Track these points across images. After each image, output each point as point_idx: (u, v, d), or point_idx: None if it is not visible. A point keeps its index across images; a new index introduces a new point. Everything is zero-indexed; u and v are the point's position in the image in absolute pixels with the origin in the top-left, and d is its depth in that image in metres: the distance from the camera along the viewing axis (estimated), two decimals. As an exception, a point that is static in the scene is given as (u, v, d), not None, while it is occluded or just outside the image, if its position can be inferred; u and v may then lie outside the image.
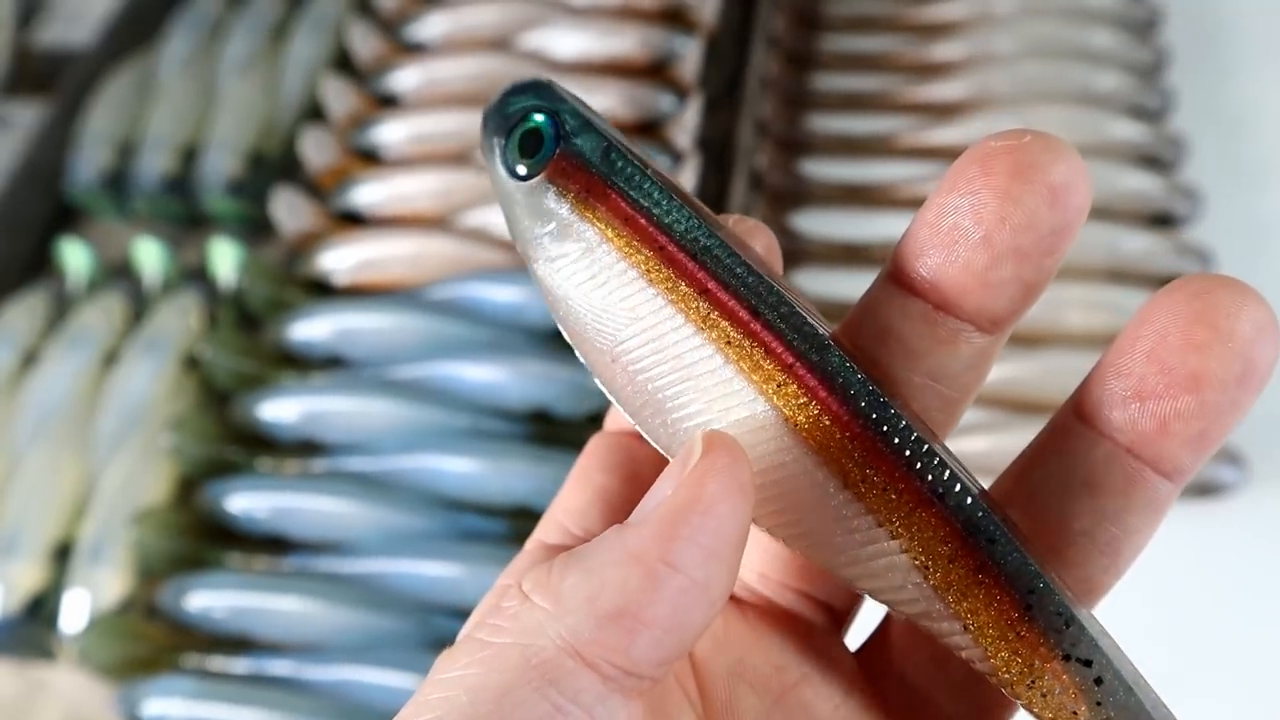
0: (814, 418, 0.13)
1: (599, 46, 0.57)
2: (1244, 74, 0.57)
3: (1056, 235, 0.13)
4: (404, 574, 0.42)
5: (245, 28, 0.62)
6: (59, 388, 0.49)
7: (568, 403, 0.45)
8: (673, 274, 0.14)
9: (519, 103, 0.15)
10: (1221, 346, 0.12)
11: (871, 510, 0.13)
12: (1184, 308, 0.13)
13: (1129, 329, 0.13)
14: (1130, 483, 0.13)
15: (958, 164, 0.13)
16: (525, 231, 0.15)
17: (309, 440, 0.47)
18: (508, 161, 0.15)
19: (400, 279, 0.51)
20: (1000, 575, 0.13)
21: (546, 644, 0.12)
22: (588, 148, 0.14)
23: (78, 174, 0.58)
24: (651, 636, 0.12)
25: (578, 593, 0.12)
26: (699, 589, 0.12)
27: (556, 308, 0.15)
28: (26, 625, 0.44)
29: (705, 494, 0.12)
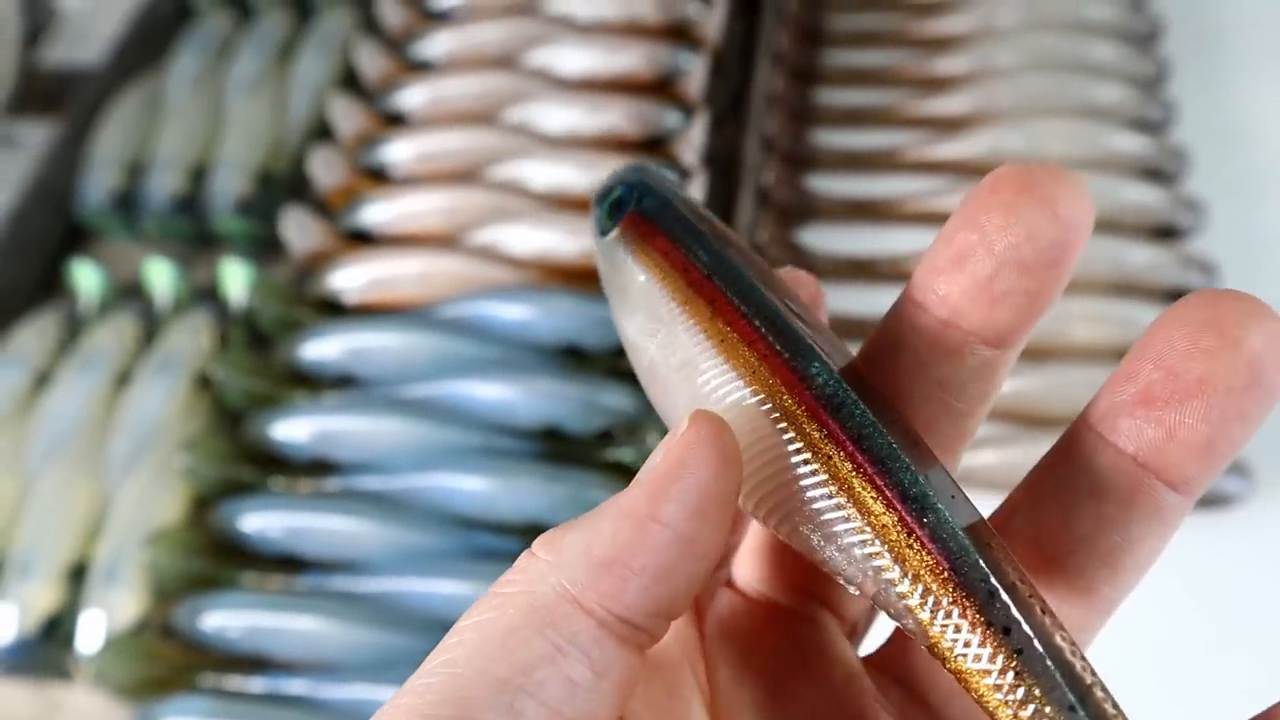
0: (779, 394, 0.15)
1: (604, 63, 0.58)
2: (1245, 85, 0.58)
3: (1059, 248, 0.13)
4: (417, 593, 0.43)
5: (253, 47, 0.63)
6: (72, 409, 0.50)
7: (578, 420, 0.45)
8: (691, 292, 0.16)
9: (615, 180, 0.19)
10: (1228, 353, 0.12)
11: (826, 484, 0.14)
12: (1193, 315, 0.13)
13: (1140, 339, 0.13)
14: (1134, 490, 0.14)
15: (972, 189, 0.14)
16: (604, 276, 0.18)
17: (321, 459, 0.47)
18: (599, 222, 0.19)
19: (410, 298, 0.51)
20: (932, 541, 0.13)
21: (547, 590, 0.13)
22: (650, 206, 0.18)
23: (87, 194, 0.58)
24: (639, 584, 0.13)
25: (575, 545, 0.13)
26: (685, 543, 0.13)
27: (624, 337, 0.18)
28: (42, 646, 0.44)
29: (690, 457, 0.13)
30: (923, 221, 0.52)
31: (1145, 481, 0.14)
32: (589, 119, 0.55)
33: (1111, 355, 0.45)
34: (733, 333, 0.15)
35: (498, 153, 0.55)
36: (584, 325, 0.48)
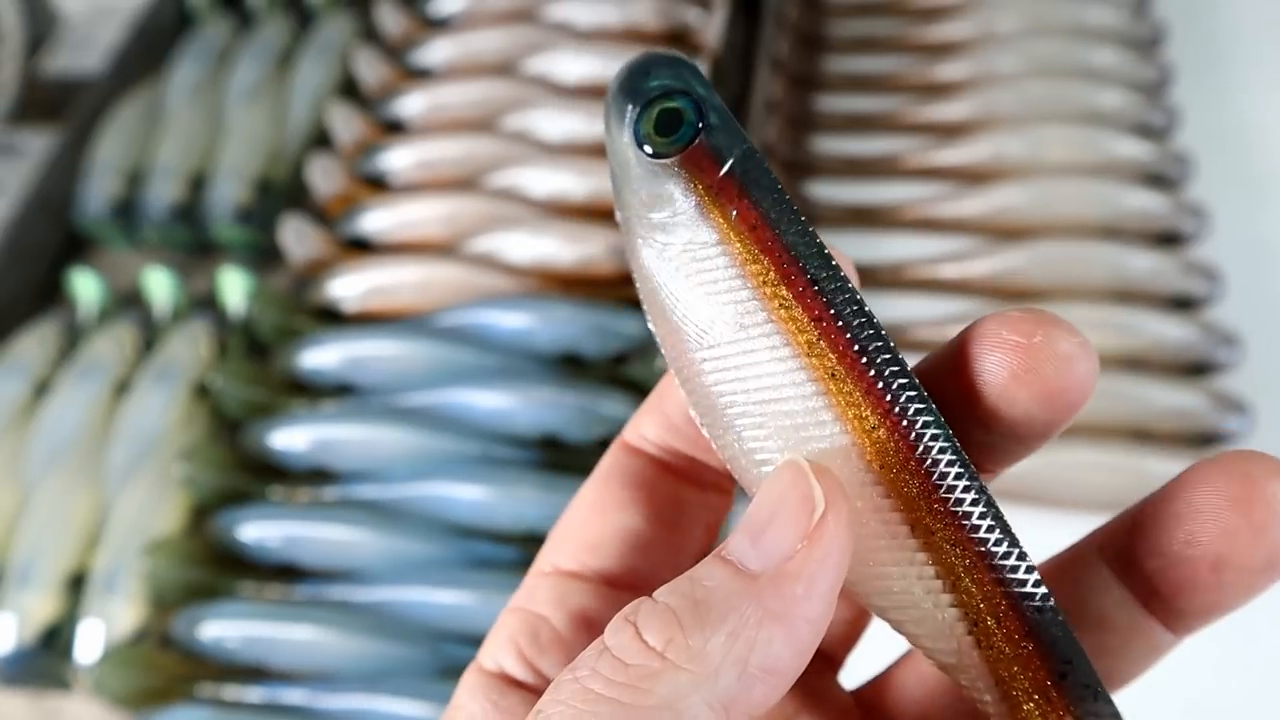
0: (898, 465, 0.13)
1: (604, 70, 0.57)
2: (1248, 90, 0.57)
3: (1049, 425, 0.14)
4: (416, 602, 0.42)
5: (252, 55, 0.63)
6: (71, 418, 0.49)
7: (577, 429, 0.45)
8: (790, 295, 0.13)
9: (663, 77, 0.14)
10: (1251, 539, 0.13)
11: (934, 561, 0.13)
12: (1221, 487, 0.13)
13: (1168, 489, 0.14)
14: (1135, 629, 0.14)
15: (973, 342, 0.13)
16: (636, 207, 0.15)
17: (320, 468, 0.47)
18: (637, 133, 0.14)
19: (409, 305, 0.51)
20: (1040, 642, 0.13)
21: (698, 706, 0.12)
22: (728, 146, 0.14)
23: (87, 203, 0.58)
24: (785, 687, 0.13)
25: (727, 655, 0.12)
26: (819, 635, 0.13)
27: (647, 289, 0.15)
28: (41, 655, 0.44)
29: (830, 547, 0.12)
30: (923, 228, 0.52)
31: (1148, 623, 0.14)
32: (588, 126, 0.55)
33: (1115, 363, 0.45)
34: (847, 374, 0.13)
35: (496, 160, 0.55)
36: (583, 333, 0.48)
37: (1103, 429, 0.43)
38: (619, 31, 0.59)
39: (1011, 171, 0.52)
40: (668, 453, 0.17)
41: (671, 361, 0.15)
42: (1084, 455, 0.42)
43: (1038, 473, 0.42)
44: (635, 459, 0.17)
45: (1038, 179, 0.51)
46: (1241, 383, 0.44)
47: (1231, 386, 0.44)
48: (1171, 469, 0.42)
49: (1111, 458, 0.42)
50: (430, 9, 0.64)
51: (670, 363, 0.15)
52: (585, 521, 0.17)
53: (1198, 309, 0.47)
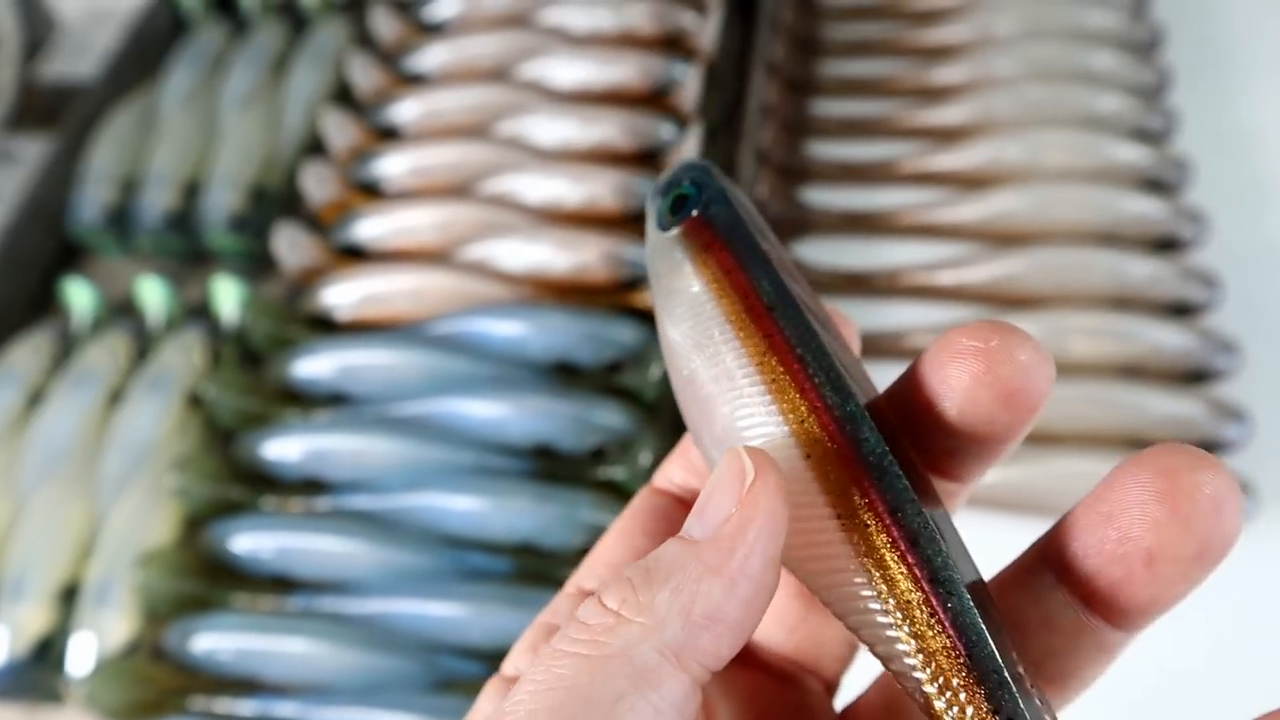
0: (825, 453, 0.15)
1: (598, 75, 0.57)
2: (1247, 94, 0.57)
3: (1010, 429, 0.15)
4: (409, 614, 0.42)
5: (246, 61, 0.63)
6: (64, 427, 0.49)
7: (571, 438, 0.45)
8: (750, 319, 0.16)
9: (685, 174, 0.18)
10: (1179, 531, 0.13)
11: (855, 545, 0.15)
12: (1149, 481, 0.13)
13: (1098, 489, 0.14)
14: (1080, 630, 0.15)
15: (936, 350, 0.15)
16: (657, 274, 0.18)
17: (313, 478, 0.47)
18: (659, 213, 0.18)
19: (402, 314, 0.51)
20: (953, 626, 0.14)
21: (649, 652, 0.13)
22: (717, 215, 0.17)
23: (81, 211, 0.58)
24: (731, 637, 0.14)
25: (669, 606, 0.14)
26: (763, 591, 0.14)
27: (664, 336, 0.18)
28: (34, 668, 0.44)
29: (764, 509, 0.14)
30: (920, 234, 0.51)
31: (1092, 622, 0.15)
32: (582, 132, 0.55)
33: (1113, 371, 0.45)
34: (786, 377, 0.15)
35: (491, 167, 0.55)
36: (577, 341, 0.48)
37: (1101, 438, 0.43)
38: (614, 36, 0.59)
39: (1009, 176, 0.51)
40: (690, 493, 0.19)
41: (676, 390, 0.18)
42: (1082, 464, 0.42)
43: (1036, 482, 0.42)
44: (660, 497, 0.20)
45: (1035, 184, 0.50)
46: (1239, 390, 0.44)
47: (1230, 394, 0.44)
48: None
49: (1108, 466, 0.41)
50: (425, 14, 0.64)
51: (675, 391, 0.18)
52: (610, 546, 0.19)
53: (1196, 315, 0.47)
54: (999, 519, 0.43)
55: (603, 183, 0.52)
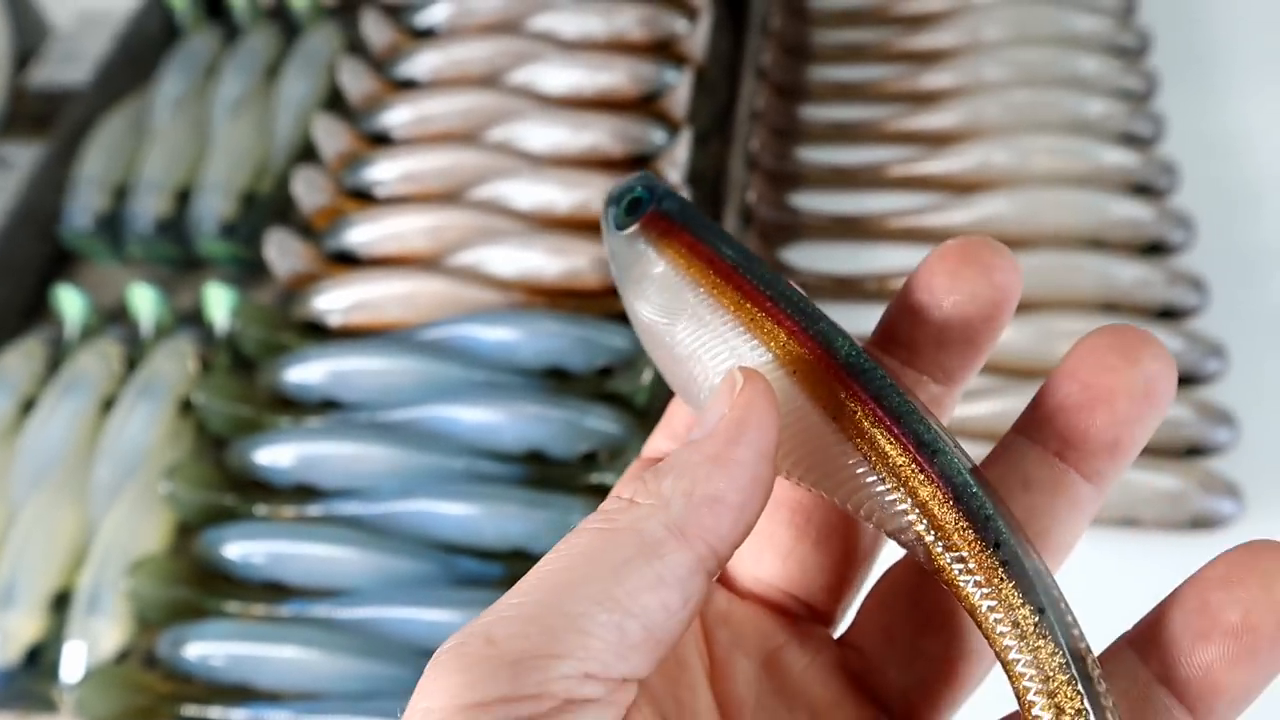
0: (807, 364, 0.17)
1: (589, 81, 0.57)
2: (1232, 98, 0.57)
3: (995, 305, 0.17)
4: (401, 619, 0.42)
5: (237, 67, 0.63)
6: (56, 434, 0.49)
7: (563, 444, 0.45)
8: (722, 279, 0.18)
9: (633, 183, 0.21)
10: (1130, 370, 0.16)
11: (846, 433, 0.17)
12: (1102, 342, 0.16)
13: (1058, 365, 0.17)
14: (1057, 484, 0.17)
15: (927, 257, 0.17)
16: (623, 268, 0.20)
17: (305, 485, 0.47)
18: (616, 218, 0.20)
19: (394, 319, 0.51)
20: (941, 478, 0.16)
21: (656, 527, 0.15)
22: (670, 208, 0.20)
23: (72, 218, 0.58)
24: (731, 517, 0.15)
25: (676, 488, 0.15)
26: (759, 482, 0.16)
27: (647, 336, 0.20)
28: (26, 676, 0.44)
29: (755, 408, 0.16)
30: (909, 238, 0.52)
31: (1066, 476, 0.17)
32: (573, 138, 0.55)
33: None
34: (762, 314, 0.18)
35: (482, 172, 0.55)
36: (568, 346, 0.48)
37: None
38: (604, 42, 0.59)
39: (997, 181, 0.51)
40: None
41: (660, 366, 0.20)
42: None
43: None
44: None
45: (1024, 188, 0.51)
46: (1225, 393, 0.44)
47: (1216, 397, 0.44)
48: (1158, 481, 0.41)
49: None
50: (416, 20, 0.64)
51: (660, 366, 0.20)
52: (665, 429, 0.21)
53: (1183, 319, 0.47)
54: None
55: (594, 188, 0.53)
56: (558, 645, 0.14)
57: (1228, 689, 0.14)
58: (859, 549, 0.19)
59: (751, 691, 0.18)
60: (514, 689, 0.14)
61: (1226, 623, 0.14)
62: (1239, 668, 0.14)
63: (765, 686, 0.18)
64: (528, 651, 0.14)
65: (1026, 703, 0.15)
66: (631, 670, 0.15)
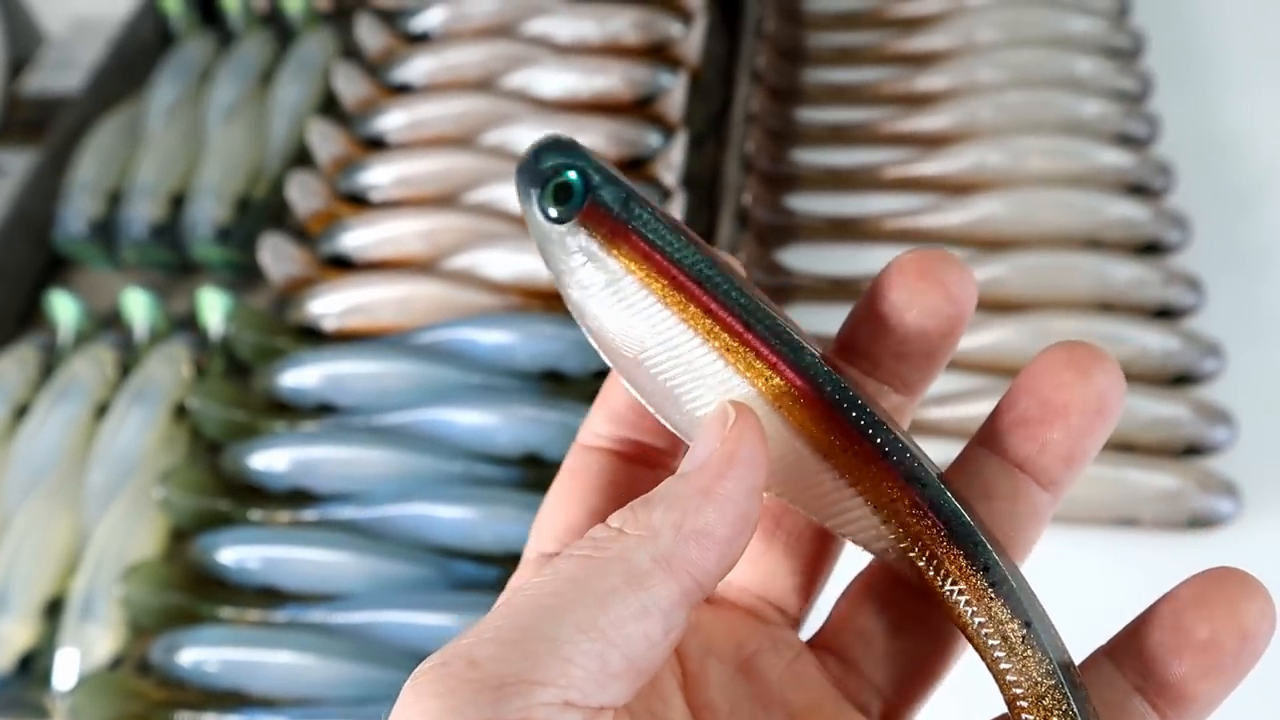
0: (793, 402, 0.17)
1: (584, 84, 0.57)
2: (1227, 98, 0.57)
3: (953, 320, 0.17)
4: (397, 624, 0.42)
5: (232, 73, 0.63)
6: (50, 440, 0.49)
7: (559, 447, 0.45)
8: (683, 298, 0.17)
9: (551, 159, 0.18)
10: (1082, 385, 0.17)
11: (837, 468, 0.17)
12: (1056, 359, 0.17)
13: (1015, 380, 0.18)
14: (1018, 493, 0.17)
15: (884, 269, 0.18)
16: (559, 264, 0.18)
17: (300, 489, 0.46)
18: (543, 207, 0.18)
19: (390, 323, 0.51)
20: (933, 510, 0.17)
21: (643, 559, 0.15)
22: (611, 198, 0.18)
23: (66, 224, 0.58)
24: (718, 552, 0.15)
25: (665, 520, 0.15)
26: (747, 516, 0.16)
27: (588, 325, 0.18)
28: (19, 683, 0.44)
29: (745, 444, 0.16)
30: (905, 240, 0.52)
31: (1026, 486, 0.17)
32: (569, 141, 0.55)
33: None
34: (740, 346, 0.17)
35: (477, 176, 0.55)
36: (564, 349, 0.48)
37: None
38: (599, 46, 0.59)
39: (993, 183, 0.52)
40: (618, 442, 0.20)
41: (619, 370, 0.19)
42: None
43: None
44: (592, 454, 0.20)
45: (1019, 189, 0.51)
46: (1222, 392, 0.44)
47: (1213, 396, 0.44)
48: (1155, 480, 0.41)
49: (1095, 469, 0.42)
50: (410, 25, 0.64)
51: (618, 371, 0.19)
52: (556, 510, 0.20)
53: (1180, 319, 0.47)
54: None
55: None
56: (540, 672, 0.14)
57: (1196, 698, 0.16)
58: (827, 552, 0.20)
59: (727, 698, 0.18)
60: (494, 714, 0.14)
61: (1197, 640, 0.16)
62: (1206, 680, 0.16)
63: (741, 692, 0.18)
64: (509, 677, 0.14)
65: (1016, 708, 0.16)
66: (610, 699, 0.15)
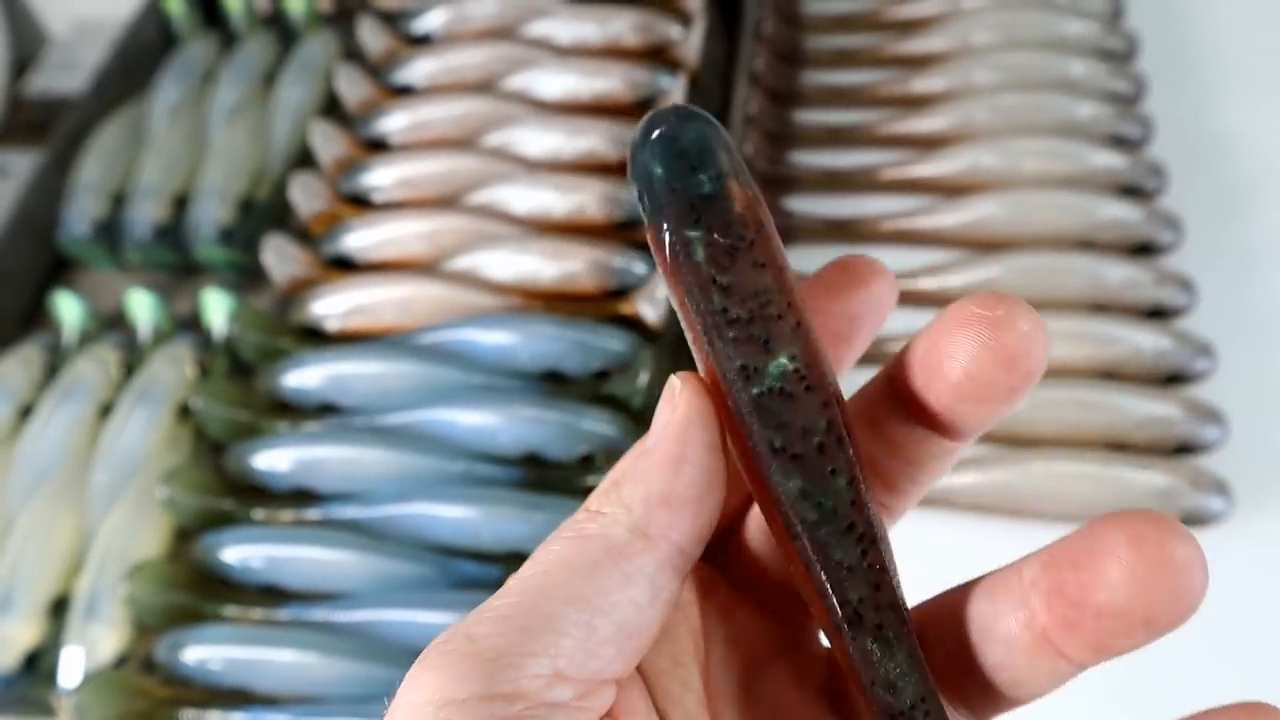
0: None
1: (585, 86, 0.58)
2: (1220, 100, 0.58)
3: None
4: (399, 622, 0.42)
5: (234, 74, 0.63)
6: (54, 440, 0.50)
7: (559, 446, 0.45)
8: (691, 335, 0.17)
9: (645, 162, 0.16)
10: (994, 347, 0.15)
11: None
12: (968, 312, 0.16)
13: (929, 325, 0.16)
14: (919, 441, 0.17)
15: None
16: None
17: (303, 489, 0.47)
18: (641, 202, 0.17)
19: (391, 324, 0.51)
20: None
21: (621, 532, 0.16)
22: (679, 244, 0.16)
23: (70, 225, 0.58)
24: (690, 511, 0.16)
25: (633, 494, 0.16)
26: (709, 474, 0.16)
27: None
28: (24, 682, 0.44)
29: (694, 406, 0.16)
30: (902, 240, 0.52)
31: (928, 436, 0.17)
32: (569, 142, 0.55)
33: (1090, 373, 0.45)
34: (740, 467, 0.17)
35: (478, 177, 0.55)
36: (565, 349, 0.48)
37: (1079, 440, 0.44)
38: (599, 48, 0.60)
39: (988, 184, 0.52)
40: None
41: None
42: (1060, 466, 0.42)
43: (1014, 485, 0.42)
44: None
45: (1014, 191, 0.51)
46: (1214, 392, 0.45)
47: (1205, 395, 0.45)
48: (1148, 479, 0.42)
49: (1088, 469, 0.42)
50: (412, 26, 0.64)
51: None
52: None
53: (1172, 319, 0.47)
54: (979, 522, 0.43)
55: (590, 193, 0.53)
56: (532, 644, 0.15)
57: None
58: None
59: (737, 694, 0.19)
60: (489, 687, 0.14)
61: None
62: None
63: (750, 691, 0.19)
64: (503, 650, 0.15)
65: None
66: (602, 667, 0.15)
